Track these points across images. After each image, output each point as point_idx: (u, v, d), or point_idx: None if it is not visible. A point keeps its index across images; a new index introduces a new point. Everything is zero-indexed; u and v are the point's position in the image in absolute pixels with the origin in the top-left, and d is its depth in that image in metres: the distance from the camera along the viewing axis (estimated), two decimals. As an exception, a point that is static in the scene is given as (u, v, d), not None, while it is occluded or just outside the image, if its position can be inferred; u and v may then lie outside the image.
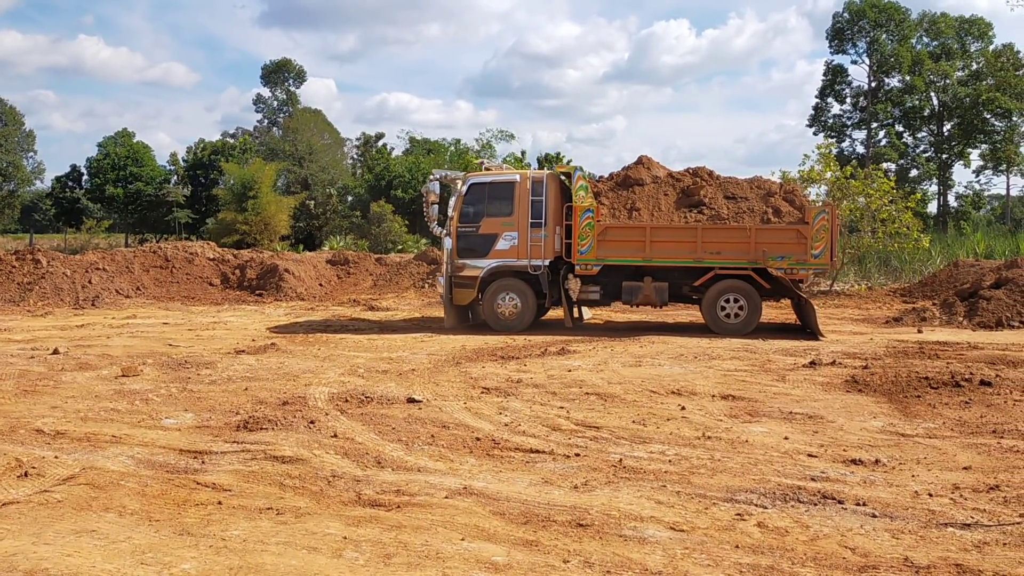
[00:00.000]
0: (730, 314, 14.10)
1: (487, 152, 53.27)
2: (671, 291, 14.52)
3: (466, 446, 6.69)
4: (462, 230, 14.72)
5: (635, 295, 14.52)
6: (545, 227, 14.43)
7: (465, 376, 9.84)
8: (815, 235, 13.67)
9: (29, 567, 4.15)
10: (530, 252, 14.47)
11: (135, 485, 5.56)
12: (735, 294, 14.04)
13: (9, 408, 7.98)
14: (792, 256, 13.75)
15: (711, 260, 14.03)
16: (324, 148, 59.19)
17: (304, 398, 8.42)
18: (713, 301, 14.14)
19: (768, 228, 13.92)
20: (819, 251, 13.70)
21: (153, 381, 9.40)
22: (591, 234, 14.20)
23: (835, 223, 13.96)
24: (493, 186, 14.82)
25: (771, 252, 13.77)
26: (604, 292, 14.77)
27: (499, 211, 14.60)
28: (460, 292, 14.79)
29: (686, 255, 14.09)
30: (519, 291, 14.58)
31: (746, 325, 14.02)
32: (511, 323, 14.55)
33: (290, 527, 4.78)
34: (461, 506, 5.16)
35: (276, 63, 67.82)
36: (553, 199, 14.61)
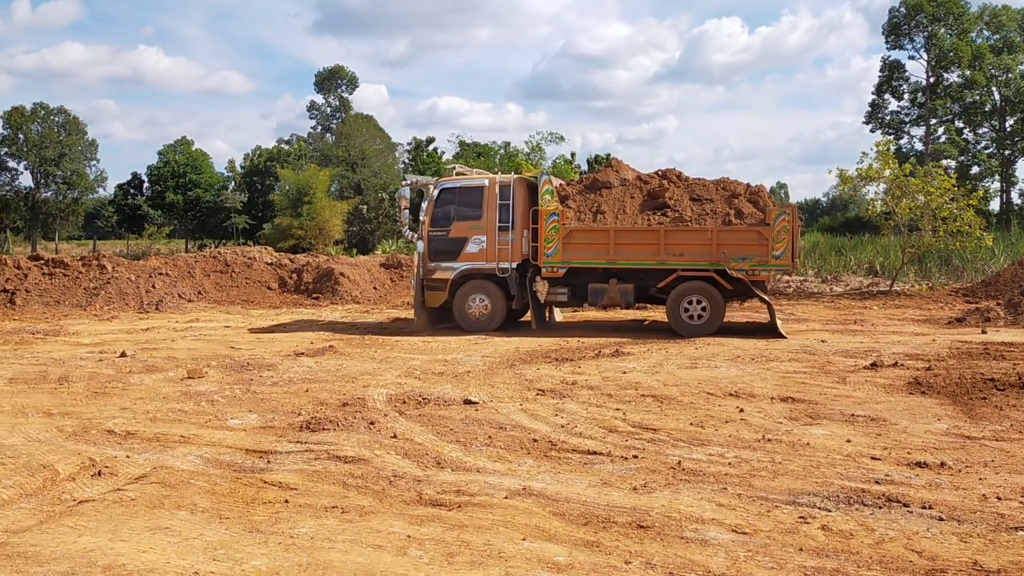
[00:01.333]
0: (693, 315, 14.18)
1: (537, 154, 53.24)
2: (639, 292, 14.69)
3: (523, 447, 6.74)
4: (433, 234, 15.02)
5: (601, 297, 14.66)
6: (513, 230, 14.72)
7: (520, 378, 9.90)
8: (776, 236, 13.73)
9: (107, 563, 4.31)
10: (498, 255, 14.78)
11: (205, 484, 5.72)
12: (698, 295, 14.15)
13: (81, 409, 8.25)
14: (754, 257, 13.84)
15: (674, 262, 14.18)
16: (376, 153, 59.86)
17: (363, 399, 8.55)
18: (676, 302, 14.24)
19: (729, 229, 14.03)
20: (780, 252, 13.74)
21: (217, 383, 9.64)
22: (556, 237, 14.50)
23: (796, 224, 14.05)
24: (463, 191, 15.09)
25: (732, 253, 13.87)
26: (571, 294, 14.97)
27: (469, 215, 14.88)
28: (431, 295, 15.12)
29: (649, 257, 14.30)
30: (489, 293, 14.86)
31: (709, 326, 14.09)
32: (481, 324, 14.81)
33: (355, 525, 4.88)
34: (521, 506, 5.21)
35: (329, 70, 68.89)
36: (521, 203, 14.90)
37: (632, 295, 14.58)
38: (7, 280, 20.33)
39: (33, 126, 59.71)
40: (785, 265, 14.03)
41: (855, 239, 35.83)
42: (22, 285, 20.12)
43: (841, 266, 29.16)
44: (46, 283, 20.40)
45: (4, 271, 20.63)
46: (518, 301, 14.98)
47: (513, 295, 14.88)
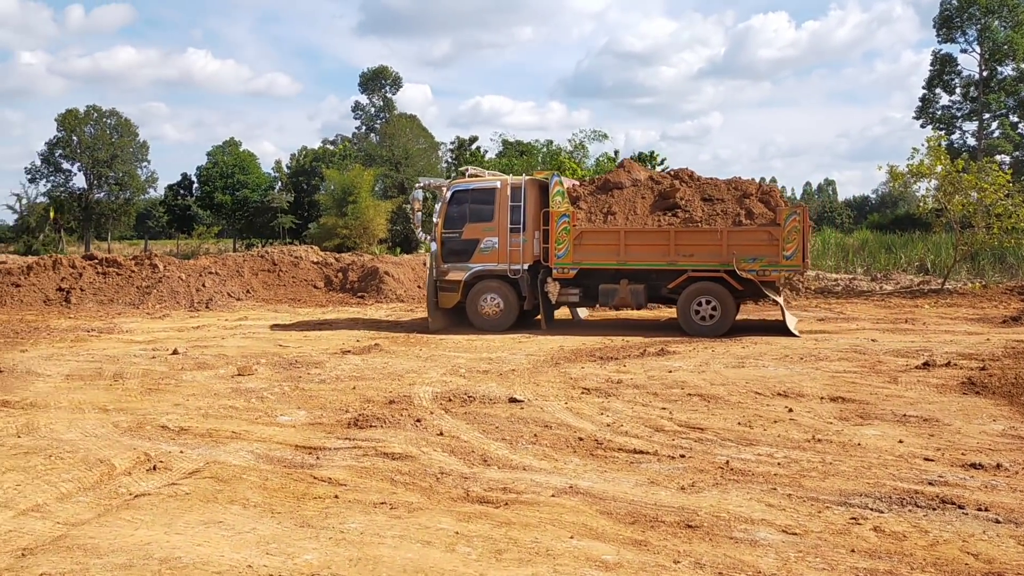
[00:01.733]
0: (703, 316, 14.08)
1: (580, 153, 53.11)
2: (650, 293, 14.65)
3: (569, 445, 6.74)
4: (446, 236, 15.11)
5: (612, 297, 14.66)
6: (524, 232, 14.77)
7: (565, 376, 9.90)
8: (787, 236, 13.60)
9: (163, 555, 4.41)
10: (510, 256, 14.85)
11: (256, 479, 5.82)
12: (708, 296, 14.04)
13: (136, 405, 8.45)
14: (764, 258, 13.73)
15: (684, 263, 14.12)
16: (420, 152, 60.26)
17: (409, 397, 8.63)
18: (687, 303, 14.15)
19: (740, 230, 13.92)
20: (791, 252, 13.62)
21: (267, 380, 9.79)
22: (567, 238, 14.51)
23: (806, 224, 13.85)
24: (475, 193, 15.17)
25: (743, 254, 13.78)
26: (583, 295, 15.00)
27: (481, 217, 14.96)
28: (445, 296, 15.21)
29: (659, 258, 14.25)
30: (501, 293, 14.94)
31: (719, 327, 13.96)
32: (494, 323, 14.89)
33: (404, 521, 4.93)
34: (568, 505, 5.21)
35: (373, 71, 69.50)
36: (532, 205, 14.92)
37: (643, 296, 14.57)
38: (63, 279, 20.88)
39: (86, 128, 61.21)
40: (796, 265, 13.85)
41: (905, 236, 35.13)
42: (77, 284, 20.64)
43: (891, 264, 28.63)
44: (100, 282, 20.90)
45: (60, 270, 21.19)
46: (530, 302, 15.02)
47: (525, 296, 14.93)
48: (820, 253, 31.75)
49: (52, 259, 21.98)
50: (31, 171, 61.18)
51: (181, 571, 4.18)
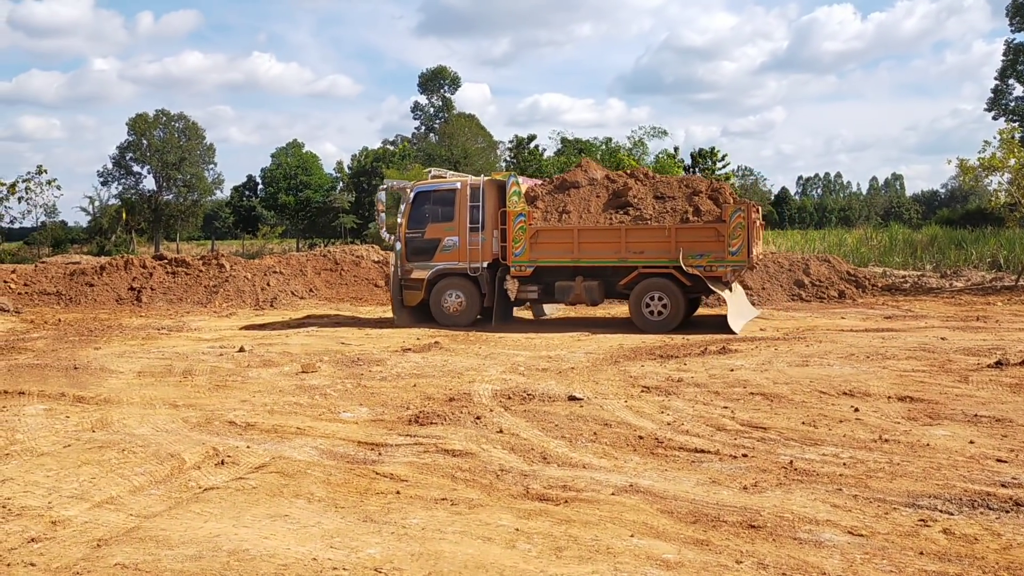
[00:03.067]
0: (654, 311, 14.45)
1: (639, 150, 52.74)
2: (606, 289, 15.04)
3: (629, 444, 6.71)
4: (410, 236, 15.59)
5: (567, 294, 15.10)
6: (483, 231, 15.22)
7: (624, 374, 9.85)
8: (732, 233, 13.90)
9: (232, 548, 4.52)
10: (470, 255, 15.29)
11: (320, 474, 5.93)
12: (658, 292, 14.42)
13: (204, 401, 8.67)
14: (711, 254, 14.07)
15: (635, 259, 14.50)
16: (478, 152, 60.47)
17: (469, 395, 8.68)
18: (638, 299, 14.54)
19: (687, 227, 14.27)
20: (736, 248, 13.92)
21: (330, 377, 9.96)
22: (524, 237, 14.93)
23: (752, 220, 14.07)
24: (436, 194, 15.69)
25: (690, 250, 14.11)
26: (541, 292, 15.38)
27: (442, 217, 15.45)
28: (409, 294, 15.72)
29: (611, 255, 14.64)
30: (463, 290, 15.39)
31: (669, 322, 14.34)
32: (456, 319, 15.35)
33: (465, 517, 4.97)
34: (628, 503, 5.19)
35: (432, 71, 70.08)
36: (491, 205, 15.33)
37: (598, 292, 14.96)
38: (134, 279, 21.53)
39: (155, 132, 62.95)
40: (741, 261, 14.06)
41: (976, 232, 34.06)
42: (147, 283, 21.27)
43: (961, 260, 27.79)
44: (169, 281, 21.50)
45: (131, 270, 21.86)
46: (489, 299, 15.40)
47: (485, 293, 15.33)
48: (887, 249, 31.00)
49: (124, 259, 22.70)
50: (103, 174, 63.19)
51: (249, 563, 4.29)
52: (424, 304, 15.72)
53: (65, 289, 21.26)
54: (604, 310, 18.04)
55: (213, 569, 4.21)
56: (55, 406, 8.48)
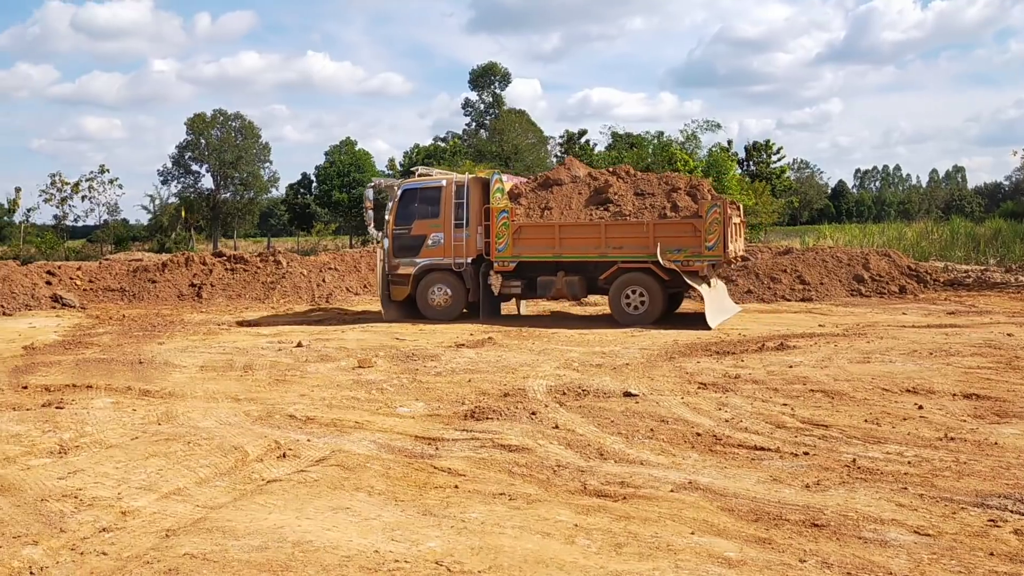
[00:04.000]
0: (633, 305, 14.78)
1: (692, 144, 52.21)
2: (588, 284, 15.36)
3: (687, 441, 6.66)
4: (397, 232, 16.01)
5: (549, 289, 15.38)
6: (467, 227, 15.61)
7: (680, 371, 9.77)
8: (708, 228, 14.18)
9: (296, 539, 4.60)
10: (454, 251, 15.68)
11: (379, 468, 6.00)
12: (637, 286, 14.74)
13: (265, 396, 8.84)
14: (687, 249, 14.32)
15: (614, 255, 14.78)
16: (529, 147, 60.50)
17: (523, 390, 8.70)
18: (618, 293, 14.89)
19: (665, 223, 14.57)
20: (712, 243, 14.18)
21: (385, 372, 10.07)
22: (507, 233, 15.25)
23: (727, 216, 14.31)
24: (423, 191, 16.14)
25: (667, 245, 14.34)
26: (524, 287, 15.63)
27: (428, 214, 15.85)
28: (396, 289, 16.10)
29: (592, 250, 14.96)
30: (448, 285, 15.78)
31: (648, 315, 14.65)
32: (442, 313, 15.72)
33: (523, 512, 4.98)
34: (688, 500, 5.15)
35: (483, 67, 70.12)
36: (475, 202, 15.72)
37: (579, 287, 15.26)
38: (194, 275, 22.02)
39: (213, 132, 64.21)
40: (718, 256, 14.32)
41: (1044, 225, 33.01)
42: (207, 280, 21.74)
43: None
44: (228, 278, 21.95)
45: (192, 267, 22.36)
46: (473, 294, 15.73)
47: (470, 287, 15.68)
48: (948, 244, 30.21)
49: (185, 256, 23.24)
50: (163, 173, 64.64)
51: (313, 554, 4.36)
52: (411, 298, 16.09)
53: (128, 285, 21.83)
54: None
55: (278, 560, 4.29)
56: (122, 399, 8.72)
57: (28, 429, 7.33)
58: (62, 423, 7.54)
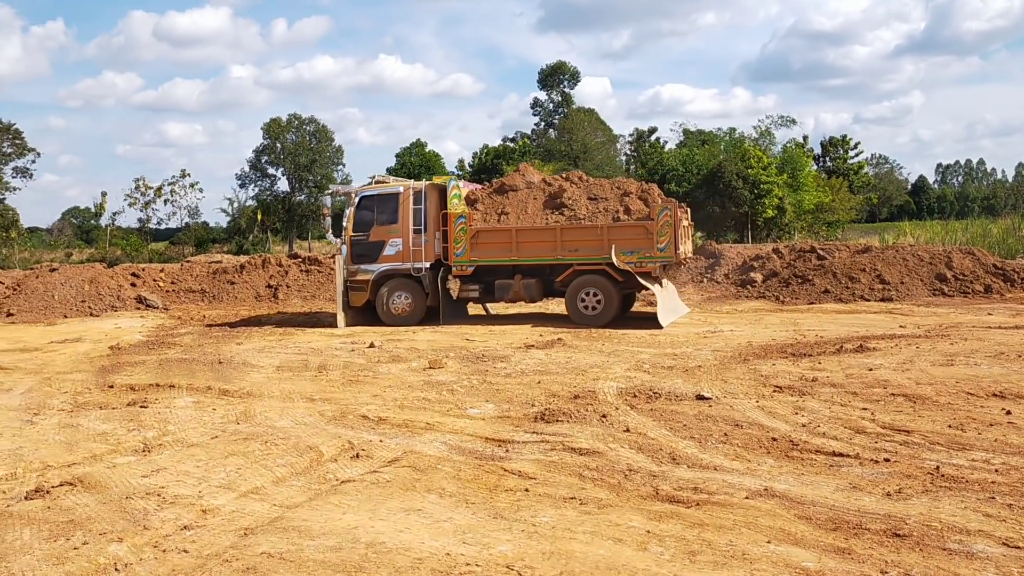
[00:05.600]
0: (588, 306, 15.19)
1: (765, 140, 51.21)
2: (544, 287, 15.72)
3: (762, 446, 6.52)
4: (355, 238, 16.17)
5: (507, 292, 15.76)
6: (425, 233, 15.86)
7: (755, 373, 9.58)
8: (660, 230, 14.62)
9: (369, 540, 4.66)
10: (412, 256, 15.90)
11: (450, 469, 6.04)
12: (593, 288, 15.15)
13: (339, 396, 8.99)
14: (640, 251, 14.72)
15: (570, 257, 15.17)
16: (598, 146, 60.22)
17: (594, 392, 8.65)
18: (574, 295, 15.30)
19: (618, 225, 14.96)
20: (664, 245, 14.62)
21: (456, 373, 10.13)
22: (464, 238, 15.64)
23: (677, 219, 14.72)
24: (380, 198, 16.22)
25: (621, 247, 14.74)
26: (482, 290, 16.00)
27: (386, 220, 16.04)
28: (354, 295, 16.25)
29: (548, 253, 15.32)
30: (408, 290, 16.02)
31: (604, 316, 15.06)
32: (403, 318, 15.96)
33: (594, 517, 4.95)
34: (764, 508, 5.04)
35: (552, 67, 70.08)
36: (433, 207, 15.98)
37: (536, 290, 15.63)
38: (271, 276, 22.55)
39: (288, 136, 65.65)
40: (669, 256, 14.73)
41: None
42: (283, 281, 22.25)
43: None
44: (303, 279, 22.42)
45: (268, 269, 22.91)
46: (432, 298, 15.97)
47: (428, 292, 15.91)
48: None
49: (262, 258, 23.83)
50: (241, 177, 66.36)
51: (385, 555, 4.41)
52: (369, 305, 16.26)
53: (208, 287, 22.49)
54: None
55: (352, 560, 4.35)
56: (202, 399, 8.97)
57: (114, 428, 7.61)
58: (146, 422, 7.81)
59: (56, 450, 6.87)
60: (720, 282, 21.47)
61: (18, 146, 60.92)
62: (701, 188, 46.72)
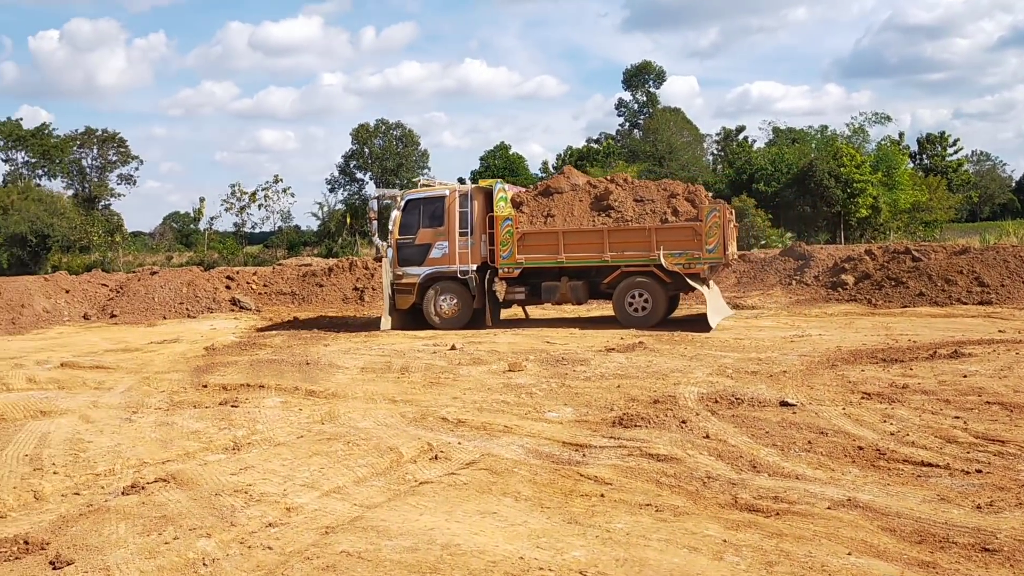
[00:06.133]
0: (636, 308, 15.31)
1: (859, 137, 49.67)
2: (590, 289, 15.80)
3: (847, 455, 6.35)
4: (401, 242, 16.33)
5: (553, 294, 15.82)
6: (471, 235, 15.93)
7: (842, 379, 9.31)
8: (708, 231, 14.64)
9: (445, 542, 4.73)
10: (459, 259, 15.97)
11: (527, 473, 6.07)
12: (641, 289, 15.25)
13: (419, 397, 9.14)
14: (689, 252, 14.75)
15: (617, 259, 15.20)
16: (684, 146, 59.45)
17: (674, 397, 8.55)
18: (622, 296, 15.39)
19: (666, 227, 14.99)
20: (713, 246, 14.64)
21: (535, 376, 10.17)
22: (511, 240, 15.71)
23: (727, 219, 14.80)
24: (426, 201, 16.36)
25: (669, 249, 14.80)
26: (528, 292, 16.12)
27: (432, 223, 16.15)
28: (401, 297, 16.37)
29: (595, 255, 15.35)
30: (455, 292, 16.10)
31: (652, 317, 15.18)
32: (450, 321, 16.04)
33: (670, 525, 4.91)
34: (846, 519, 4.91)
35: (637, 66, 69.59)
36: (478, 210, 16.06)
37: (582, 291, 15.72)
38: (357, 279, 23.06)
39: (376, 141, 66.97)
40: (718, 258, 14.77)
41: None
42: (369, 284, 22.71)
43: None
44: (388, 282, 22.77)
45: (355, 271, 23.42)
46: (479, 301, 16.07)
47: (475, 295, 15.97)
48: None
49: (349, 261, 24.41)
50: (330, 181, 67.95)
51: (460, 558, 4.47)
52: (414, 308, 16.32)
53: (298, 289, 23.13)
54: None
55: (428, 561, 4.43)
56: (290, 399, 9.26)
57: (206, 426, 7.92)
58: (236, 421, 8.10)
59: (152, 447, 7.20)
60: (809, 284, 20.92)
61: (123, 154, 64.02)
62: (791, 187, 45.68)
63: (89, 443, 7.40)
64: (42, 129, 61.22)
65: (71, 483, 6.20)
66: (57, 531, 5.12)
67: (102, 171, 63.51)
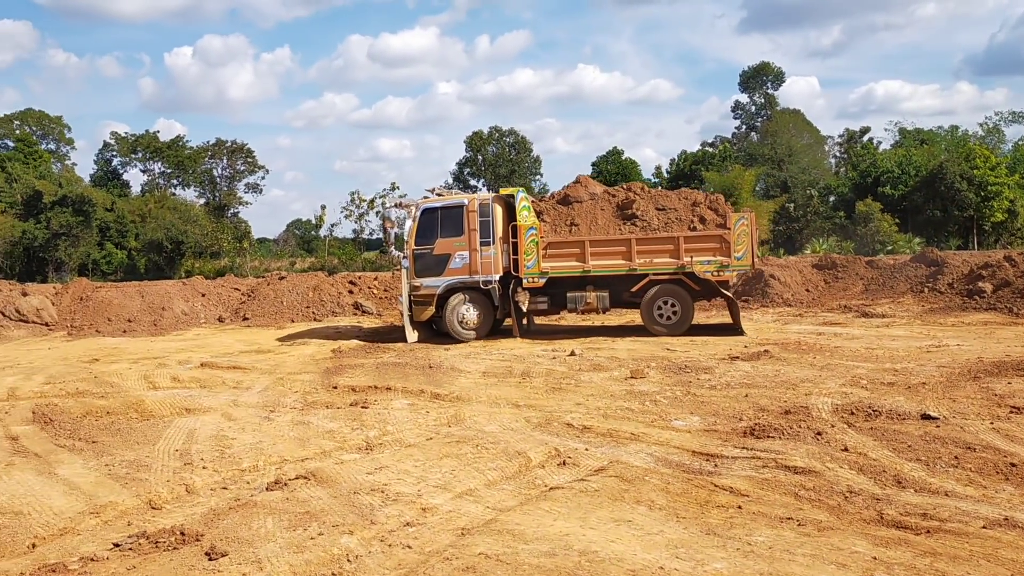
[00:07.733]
0: (666, 316, 15.26)
1: (994, 137, 47.05)
2: (614, 297, 15.63)
3: (999, 471, 5.99)
4: (418, 252, 15.80)
5: (579, 303, 15.64)
6: (493, 245, 15.53)
7: (987, 392, 8.80)
8: (737, 239, 14.69)
9: (581, 548, 4.73)
10: (481, 268, 15.52)
11: (658, 482, 6.00)
12: (669, 297, 15.21)
13: (543, 403, 9.17)
14: (718, 260, 14.77)
15: (645, 267, 15.10)
16: (804, 148, 57.69)
17: (806, 408, 8.28)
18: (649, 305, 15.31)
19: (694, 235, 15.00)
20: (741, 254, 14.71)
21: (658, 383, 10.05)
22: (535, 250, 15.50)
23: (754, 228, 14.84)
24: (444, 211, 15.82)
25: (699, 257, 14.80)
26: (551, 302, 15.87)
27: (451, 233, 15.65)
28: (419, 309, 15.87)
29: (622, 264, 15.21)
30: (477, 303, 15.69)
31: (680, 325, 15.20)
32: (472, 332, 15.68)
33: (814, 540, 4.75)
34: (1004, 539, 4.64)
35: (754, 68, 68.07)
36: (499, 219, 15.70)
37: (608, 300, 15.58)
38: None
39: (489, 148, 67.83)
40: (746, 265, 14.91)
41: None
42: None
43: None
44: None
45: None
46: (501, 311, 15.82)
47: (497, 305, 15.64)
48: None
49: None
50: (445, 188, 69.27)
51: (599, 565, 4.45)
52: (435, 319, 16.00)
53: (416, 294, 23.58)
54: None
55: (566, 567, 4.43)
56: (416, 401, 9.46)
57: (339, 426, 8.18)
58: (367, 422, 8.33)
59: (290, 445, 7.49)
60: (943, 292, 19.90)
61: (250, 164, 67.09)
62: (919, 191, 43.66)
63: (233, 440, 7.76)
64: (176, 141, 64.95)
65: (219, 478, 6.52)
66: (209, 524, 5.38)
67: (231, 180, 66.79)
